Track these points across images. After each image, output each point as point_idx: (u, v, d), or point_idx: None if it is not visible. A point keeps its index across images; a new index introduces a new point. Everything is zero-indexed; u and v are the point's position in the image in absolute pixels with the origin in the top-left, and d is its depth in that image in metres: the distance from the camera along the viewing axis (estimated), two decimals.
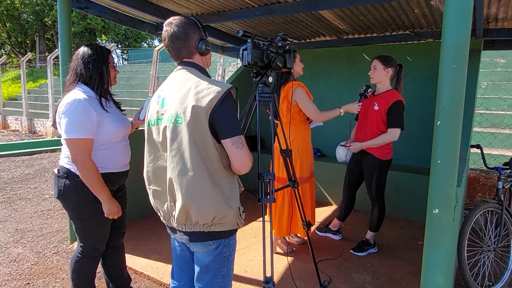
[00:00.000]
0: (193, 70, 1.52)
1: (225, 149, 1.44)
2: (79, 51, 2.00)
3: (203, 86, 1.42)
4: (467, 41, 1.39)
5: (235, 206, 1.49)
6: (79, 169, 1.88)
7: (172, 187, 1.46)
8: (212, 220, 1.45)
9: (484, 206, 2.67)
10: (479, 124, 5.34)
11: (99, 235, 2.08)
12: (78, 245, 2.09)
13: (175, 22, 1.50)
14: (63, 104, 1.87)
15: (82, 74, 1.96)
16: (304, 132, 3.03)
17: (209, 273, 1.55)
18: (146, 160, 1.58)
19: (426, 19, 3.51)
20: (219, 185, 1.45)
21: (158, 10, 3.60)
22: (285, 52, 2.04)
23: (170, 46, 1.53)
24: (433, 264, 1.53)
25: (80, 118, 1.85)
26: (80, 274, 2.11)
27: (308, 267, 2.83)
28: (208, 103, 1.37)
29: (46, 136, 10.85)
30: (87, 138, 1.87)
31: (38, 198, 4.83)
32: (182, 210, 1.44)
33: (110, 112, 2.01)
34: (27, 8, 22.89)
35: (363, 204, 3.90)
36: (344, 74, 4.84)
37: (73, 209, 2.01)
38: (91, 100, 1.92)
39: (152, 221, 2.92)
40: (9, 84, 17.94)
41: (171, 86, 1.50)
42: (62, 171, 1.99)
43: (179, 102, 1.42)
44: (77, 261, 2.08)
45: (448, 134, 1.43)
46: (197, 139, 1.39)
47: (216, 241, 1.51)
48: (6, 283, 2.68)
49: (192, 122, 1.38)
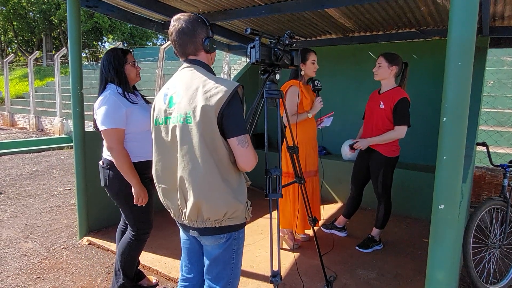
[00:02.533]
0: (199, 68, 1.53)
1: (231, 148, 1.46)
2: (102, 58, 2.29)
3: (210, 85, 1.43)
4: (473, 39, 1.40)
5: (244, 201, 1.53)
6: (113, 156, 2.12)
7: (183, 185, 1.48)
8: (224, 216, 1.49)
9: (489, 203, 2.68)
10: (485, 122, 5.33)
11: (146, 219, 2.32)
12: (128, 230, 2.34)
13: (183, 18, 1.52)
14: (96, 103, 2.16)
15: (104, 76, 2.23)
16: (304, 129, 3.02)
17: (219, 265, 1.59)
18: (155, 159, 1.59)
19: (432, 17, 3.51)
20: (228, 181, 1.48)
21: (165, 9, 3.63)
22: (292, 50, 2.07)
23: (176, 41, 1.53)
24: (438, 259, 1.54)
25: (110, 111, 2.10)
26: (129, 255, 2.35)
27: (314, 263, 2.86)
28: (216, 102, 1.39)
29: (54, 133, 10.94)
30: (118, 128, 2.11)
31: (47, 194, 4.90)
32: (194, 207, 1.47)
33: (139, 104, 2.25)
34: (34, 7, 23.04)
35: (369, 201, 3.92)
36: (350, 72, 4.85)
37: (118, 197, 2.25)
38: (119, 96, 2.18)
39: (160, 217, 2.96)
40: (16, 82, 18.11)
41: (178, 85, 1.51)
42: (105, 162, 2.24)
43: (187, 102, 1.43)
44: (128, 243, 2.32)
45: (453, 130, 1.44)
46: (207, 138, 1.41)
47: (227, 234, 1.55)
48: (17, 277, 2.73)
49: (201, 122, 1.40)
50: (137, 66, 2.33)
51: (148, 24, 4.19)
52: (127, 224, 2.36)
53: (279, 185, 1.84)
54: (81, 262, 2.99)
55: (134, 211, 2.26)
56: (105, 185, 2.25)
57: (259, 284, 2.60)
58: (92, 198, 3.39)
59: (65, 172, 6.21)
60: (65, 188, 5.24)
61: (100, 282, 2.68)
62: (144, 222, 2.32)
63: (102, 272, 2.82)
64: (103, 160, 2.26)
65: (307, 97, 2.99)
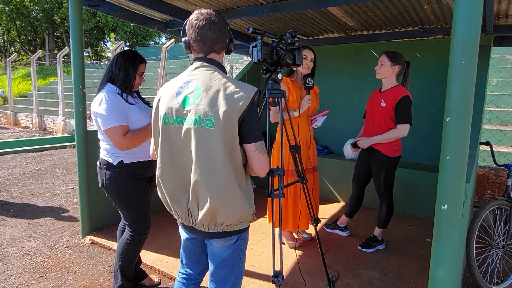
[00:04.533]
0: (216, 69, 1.47)
1: (247, 153, 1.44)
2: (116, 55, 2.24)
3: (232, 89, 1.38)
4: (477, 38, 1.39)
5: (253, 204, 1.53)
6: (130, 146, 2.10)
7: (198, 190, 1.43)
8: (237, 220, 1.48)
9: (493, 203, 2.66)
10: (489, 121, 5.30)
11: (143, 220, 2.31)
12: (126, 230, 2.33)
13: (214, 13, 1.46)
14: (94, 102, 2.13)
15: (111, 73, 2.20)
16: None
17: (226, 266, 1.57)
18: (161, 159, 1.51)
19: (435, 15, 3.49)
20: (241, 186, 1.46)
21: (167, 8, 3.62)
22: (294, 49, 2.06)
23: (205, 34, 1.44)
24: (441, 259, 1.53)
25: (111, 109, 2.07)
26: (126, 255, 2.33)
27: (316, 262, 2.85)
28: (239, 107, 1.36)
29: (56, 132, 10.98)
30: (123, 124, 2.09)
31: (49, 193, 4.91)
32: (209, 212, 1.43)
33: (137, 105, 2.22)
34: (36, 6, 23.13)
35: (371, 200, 3.91)
36: (352, 71, 4.83)
37: (116, 197, 2.23)
38: (116, 95, 2.15)
39: (161, 217, 2.96)
40: (19, 82, 18.17)
41: (194, 85, 1.43)
42: (102, 163, 2.22)
43: (207, 104, 1.37)
44: (126, 243, 2.31)
45: (457, 130, 1.43)
46: (227, 143, 1.37)
47: (236, 236, 1.54)
48: (20, 276, 2.74)
49: (224, 127, 1.35)
50: (142, 78, 2.31)
51: (150, 23, 4.18)
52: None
53: (281, 185, 1.83)
54: (83, 261, 2.99)
55: (131, 211, 2.26)
56: (102, 186, 2.24)
57: (261, 284, 2.60)
58: (95, 197, 3.39)
59: (68, 171, 6.22)
60: (67, 187, 5.26)
61: (103, 281, 2.69)
62: (142, 222, 2.31)
63: (105, 272, 2.83)
64: (100, 160, 2.25)
65: (293, 94, 2.90)
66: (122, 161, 2.17)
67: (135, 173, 2.21)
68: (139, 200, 2.25)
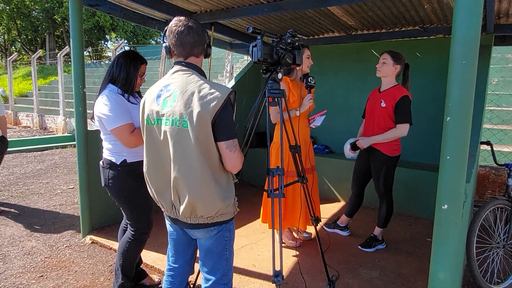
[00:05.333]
0: (195, 72, 1.55)
1: (220, 150, 1.52)
2: (117, 55, 2.25)
3: (206, 91, 1.47)
4: (478, 37, 1.38)
5: (232, 198, 1.63)
6: (140, 143, 2.06)
7: (177, 186, 1.54)
8: (216, 213, 1.57)
9: (493, 203, 2.66)
10: (490, 121, 5.29)
11: (145, 219, 2.32)
12: (128, 230, 2.34)
13: (192, 20, 1.55)
14: (97, 104, 2.15)
15: (112, 74, 2.21)
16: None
17: (213, 256, 1.66)
18: (146, 157, 1.64)
19: (435, 14, 3.49)
20: (218, 181, 1.55)
21: (167, 7, 3.63)
22: (294, 48, 2.05)
23: (183, 39, 1.52)
24: (441, 259, 1.54)
25: (116, 109, 2.09)
26: (128, 255, 2.34)
27: (317, 262, 2.85)
28: (212, 108, 1.44)
29: (57, 132, 10.99)
30: (128, 123, 2.10)
31: (50, 193, 4.92)
32: (189, 206, 1.54)
33: (138, 104, 2.20)
34: (37, 6, 23.12)
35: (371, 200, 3.91)
36: (353, 70, 4.83)
37: (118, 196, 2.25)
38: (118, 95, 2.17)
39: (161, 216, 2.95)
40: (20, 81, 18.18)
41: (172, 88, 1.52)
42: (105, 162, 2.24)
43: (183, 106, 1.46)
44: (128, 242, 2.32)
45: (457, 130, 1.43)
46: (201, 142, 1.47)
47: (217, 227, 1.63)
48: (21, 275, 2.74)
49: (198, 127, 1.44)
50: (143, 78, 2.33)
51: (150, 23, 4.18)
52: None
53: (282, 185, 1.83)
54: (84, 260, 3.00)
55: (134, 210, 2.28)
56: (105, 185, 2.25)
57: (261, 283, 2.60)
58: (95, 196, 3.40)
59: (68, 171, 6.23)
60: (68, 186, 5.26)
61: (103, 280, 2.69)
62: (144, 222, 2.32)
63: (105, 271, 2.83)
64: (103, 160, 2.27)
65: (294, 94, 2.88)
66: (125, 160, 2.20)
67: (138, 172, 2.20)
68: (141, 199, 2.26)
